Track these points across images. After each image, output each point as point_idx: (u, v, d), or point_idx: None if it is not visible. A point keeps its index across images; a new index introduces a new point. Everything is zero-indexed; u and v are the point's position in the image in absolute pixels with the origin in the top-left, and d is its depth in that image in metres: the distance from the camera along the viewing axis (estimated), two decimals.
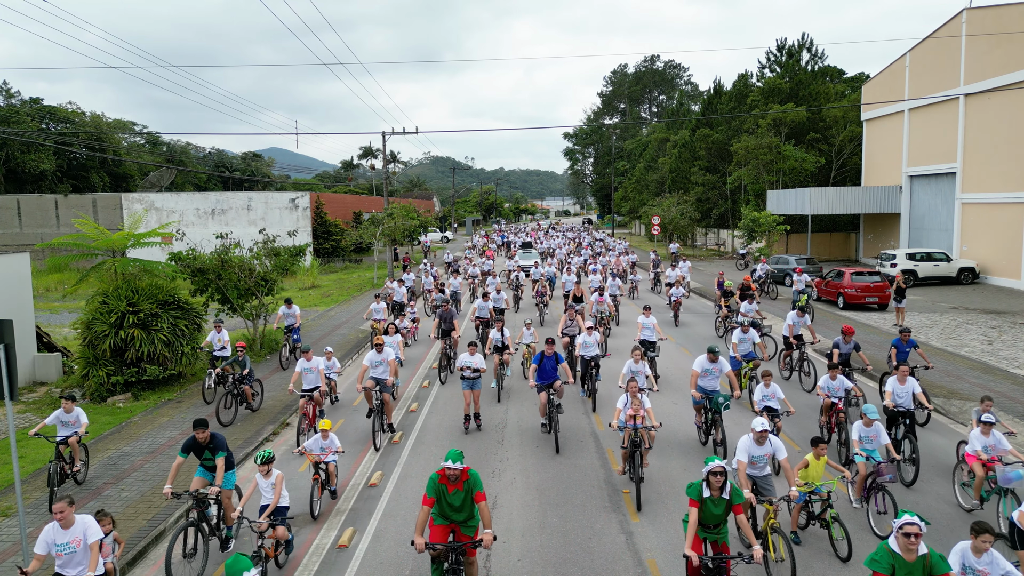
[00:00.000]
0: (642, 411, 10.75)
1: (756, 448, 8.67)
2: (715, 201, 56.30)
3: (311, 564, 8.95)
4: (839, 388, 11.95)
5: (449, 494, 7.46)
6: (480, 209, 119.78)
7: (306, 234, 47.31)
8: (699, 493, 7.15)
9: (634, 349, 12.91)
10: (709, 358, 12.11)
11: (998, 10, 30.91)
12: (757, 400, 11.45)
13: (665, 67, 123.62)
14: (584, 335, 15.22)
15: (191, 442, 9.19)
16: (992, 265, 31.97)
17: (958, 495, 10.25)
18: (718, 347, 12.15)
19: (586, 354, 15.10)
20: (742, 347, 15.01)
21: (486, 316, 20.87)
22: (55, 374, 18.32)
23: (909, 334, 13.85)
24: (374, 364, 13.37)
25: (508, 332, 16.47)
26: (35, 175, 62.13)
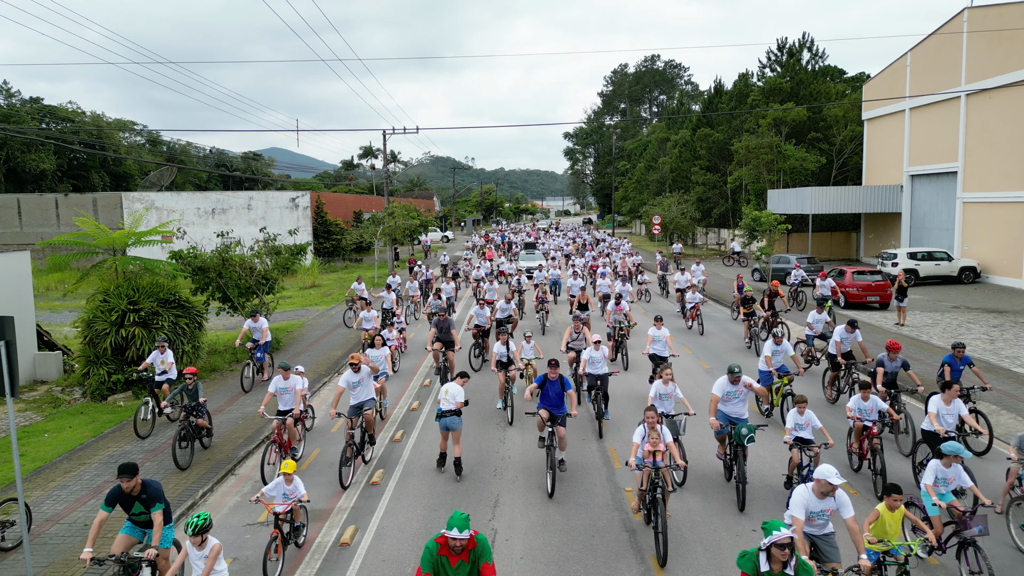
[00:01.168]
0: (662, 445, 9.19)
1: (816, 502, 7.10)
2: (716, 201, 56.27)
3: (313, 562, 8.92)
4: (872, 410, 10.67)
5: (451, 567, 6.22)
6: (480, 209, 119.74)
7: (306, 233, 47.33)
8: (755, 567, 5.87)
9: (662, 369, 11.31)
10: (730, 380, 10.52)
11: (999, 9, 30.88)
12: (790, 428, 9.98)
13: (665, 67, 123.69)
14: (591, 350, 13.60)
15: (116, 493, 7.52)
16: (993, 264, 31.94)
17: (1015, 535, 8.98)
18: (739, 366, 10.52)
19: (594, 371, 13.45)
20: (776, 360, 13.51)
21: (484, 324, 18.99)
22: (56, 373, 18.30)
23: (963, 350, 12.48)
24: (351, 385, 11.87)
25: (514, 345, 14.92)
26: (35, 175, 62.10)
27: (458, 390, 11.36)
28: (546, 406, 11.20)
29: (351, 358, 11.91)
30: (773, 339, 13.58)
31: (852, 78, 55.77)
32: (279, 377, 11.88)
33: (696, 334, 22.48)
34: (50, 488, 11.23)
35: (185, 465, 11.95)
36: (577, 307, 20.84)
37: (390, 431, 14.02)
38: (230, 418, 14.84)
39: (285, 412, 11.79)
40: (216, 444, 13.20)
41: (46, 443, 13.52)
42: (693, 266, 27.85)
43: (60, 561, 8.88)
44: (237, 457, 12.59)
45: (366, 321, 19.84)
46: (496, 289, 24.05)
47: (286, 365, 11.95)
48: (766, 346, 13.62)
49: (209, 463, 12.26)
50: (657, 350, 15.23)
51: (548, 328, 23.54)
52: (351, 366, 11.85)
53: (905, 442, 12.12)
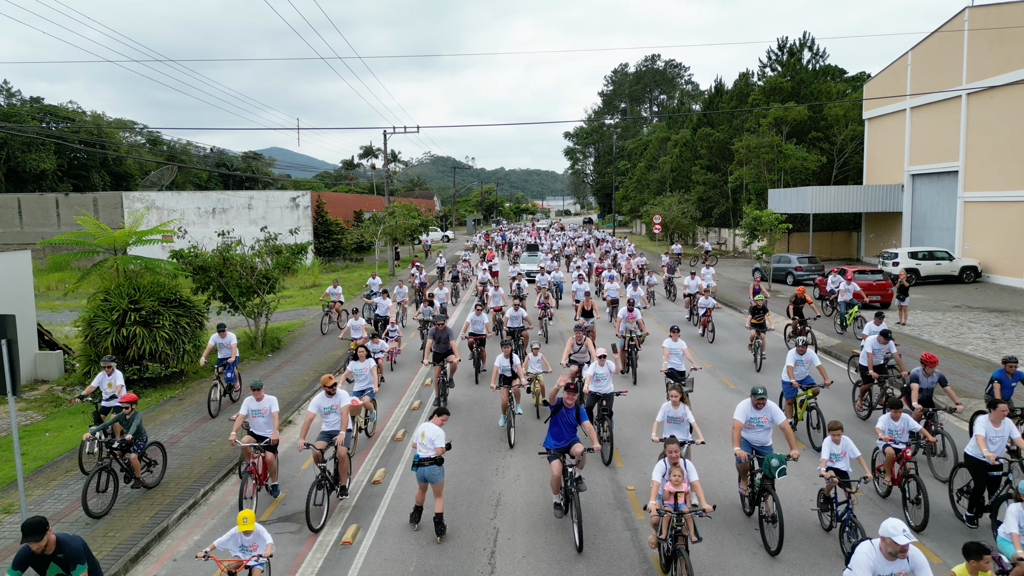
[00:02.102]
0: (685, 485, 7.91)
1: (885, 564, 6.08)
2: (716, 200, 56.28)
3: (315, 561, 8.91)
4: (903, 430, 9.69)
5: None
6: (481, 209, 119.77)
7: (307, 233, 47.34)
8: None
9: (670, 389, 10.08)
10: (754, 403, 9.31)
11: (1000, 8, 30.87)
12: (824, 458, 8.92)
13: (666, 67, 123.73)
14: (596, 365, 12.21)
15: (25, 555, 6.25)
16: (994, 264, 31.92)
17: None
18: (764, 388, 9.25)
19: (599, 390, 12.18)
20: (799, 371, 12.50)
21: (481, 332, 17.48)
22: (56, 372, 18.29)
23: (1015, 364, 11.38)
24: (323, 411, 10.39)
25: (518, 359, 13.62)
26: (36, 174, 62.11)
27: (436, 432, 9.26)
28: (556, 441, 9.50)
29: (324, 380, 10.37)
30: (796, 348, 12.51)
31: (853, 78, 55.75)
32: (251, 398, 10.57)
33: (707, 342, 21.29)
34: (51, 487, 11.21)
35: (99, 512, 9.92)
36: (580, 313, 19.42)
37: (391, 430, 14.01)
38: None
39: (259, 438, 10.50)
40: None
41: (47, 442, 13.51)
42: (703, 269, 26.43)
43: None
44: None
45: (354, 330, 18.04)
46: (501, 295, 22.40)
47: (258, 384, 10.68)
48: (789, 356, 12.59)
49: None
50: (675, 364, 13.81)
51: (551, 335, 22.23)
52: (324, 389, 10.37)
53: (941, 466, 10.97)
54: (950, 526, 9.40)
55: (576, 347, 14.34)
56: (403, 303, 25.24)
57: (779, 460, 8.77)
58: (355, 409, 12.16)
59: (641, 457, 12.03)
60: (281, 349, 21.65)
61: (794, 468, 11.20)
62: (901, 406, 9.75)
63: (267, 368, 19.19)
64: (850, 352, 17.73)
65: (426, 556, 8.85)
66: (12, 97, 68.16)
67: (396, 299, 24.47)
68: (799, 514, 9.80)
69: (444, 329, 15.33)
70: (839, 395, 15.20)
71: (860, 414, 13.84)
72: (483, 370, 17.71)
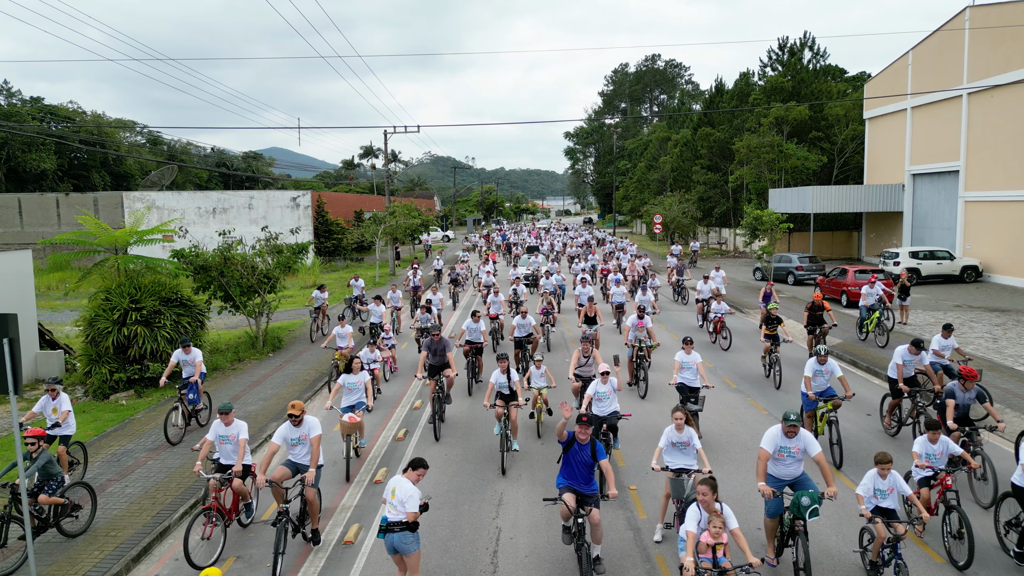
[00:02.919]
0: (725, 535, 6.87)
1: None
2: (717, 200, 56.30)
3: (317, 560, 8.90)
4: (942, 454, 8.71)
5: None
6: (481, 208, 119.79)
7: (307, 233, 47.37)
8: None
9: (674, 411, 8.87)
10: (785, 431, 8.06)
11: (1001, 7, 30.85)
12: (864, 494, 7.72)
13: (666, 66, 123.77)
14: (597, 383, 10.85)
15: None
16: (995, 263, 31.91)
17: None
18: (796, 413, 8.09)
19: (600, 412, 10.81)
20: (818, 382, 11.66)
21: (478, 341, 16.57)
22: (57, 371, 18.28)
23: None
24: (290, 443, 9.15)
25: (516, 375, 12.10)
26: (36, 174, 62.11)
27: (409, 491, 7.25)
28: (569, 481, 8.19)
29: (291, 407, 8.99)
30: (817, 358, 11.55)
31: (853, 77, 55.75)
32: (218, 422, 9.39)
33: (720, 349, 20.11)
34: None
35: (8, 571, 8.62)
36: (584, 320, 18.08)
37: (392, 429, 14.00)
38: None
39: (225, 467, 9.43)
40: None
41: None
42: (712, 271, 25.09)
43: (63, 559, 8.86)
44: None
45: (339, 338, 16.72)
46: (502, 302, 20.79)
47: (227, 407, 9.38)
48: (808, 365, 11.71)
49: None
50: (686, 379, 12.56)
51: (553, 343, 21.01)
52: (290, 417, 9.03)
53: (983, 491, 9.93)
54: (998, 563, 8.33)
55: (583, 359, 13.06)
56: (398, 308, 23.52)
57: (811, 498, 7.44)
58: (349, 427, 11.48)
59: (644, 459, 12.01)
60: (282, 349, 21.65)
61: None
62: (939, 427, 8.82)
63: (268, 368, 19.19)
64: (873, 361, 17.09)
65: (428, 555, 8.83)
66: (12, 97, 68.18)
67: (390, 304, 23.09)
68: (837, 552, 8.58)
69: (440, 340, 14.17)
70: (862, 408, 14.43)
71: (889, 431, 12.83)
72: (479, 380, 16.84)
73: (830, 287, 27.86)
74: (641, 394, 15.56)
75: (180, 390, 13.66)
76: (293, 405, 9.01)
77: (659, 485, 10.88)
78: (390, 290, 23.67)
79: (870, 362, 17.75)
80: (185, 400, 13.60)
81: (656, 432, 12.36)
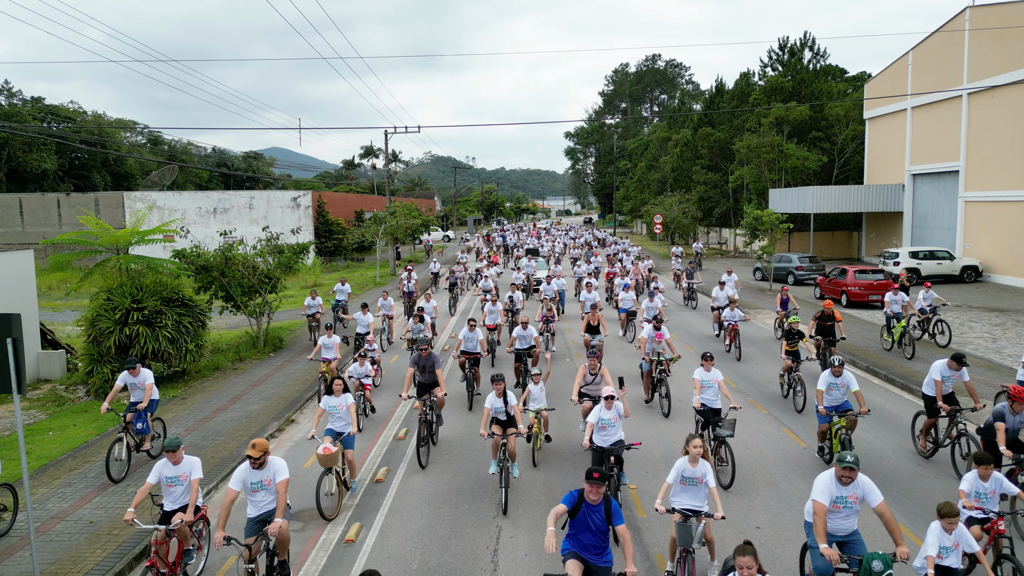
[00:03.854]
0: None
1: None
2: (717, 200, 56.36)
3: (318, 559, 8.94)
4: (994, 492, 7.46)
5: None
6: (481, 208, 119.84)
7: (308, 233, 47.43)
8: None
9: (690, 439, 7.71)
10: (840, 477, 6.76)
11: (1001, 8, 30.89)
12: (931, 554, 6.43)
13: (667, 66, 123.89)
14: (601, 408, 9.50)
15: None
16: (995, 263, 31.95)
17: None
18: (853, 454, 6.78)
19: (604, 442, 9.54)
20: (832, 396, 10.84)
21: (475, 351, 15.25)
22: (59, 371, 18.34)
23: None
24: (250, 488, 7.78)
25: (514, 398, 10.73)
26: (37, 174, 62.19)
27: None
28: (577, 549, 6.70)
29: (251, 447, 7.61)
30: (831, 369, 10.77)
31: (853, 77, 55.80)
32: (164, 462, 8.01)
33: (734, 359, 18.80)
34: (55, 485, 11.26)
35: None
36: (586, 329, 16.81)
37: (393, 429, 14.04)
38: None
39: (171, 513, 8.06)
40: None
41: (51, 441, 13.56)
42: (724, 275, 23.47)
43: (67, 558, 8.90)
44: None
45: (326, 349, 15.38)
46: (499, 311, 19.29)
47: (174, 444, 7.91)
48: (822, 378, 10.87)
49: None
50: (708, 400, 11.15)
51: (554, 353, 19.51)
52: (249, 459, 7.66)
53: None
54: None
55: (589, 376, 11.66)
56: (389, 317, 21.52)
57: (884, 562, 6.37)
58: (325, 460, 9.75)
59: (644, 462, 12.02)
60: (283, 348, 21.70)
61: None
62: (991, 462, 7.52)
63: (269, 367, 19.24)
64: (901, 373, 16.10)
65: (429, 554, 8.88)
66: (13, 97, 68.27)
67: (381, 312, 21.32)
68: None
69: (429, 355, 12.62)
70: (885, 424, 13.34)
71: (923, 452, 11.70)
72: (478, 393, 15.45)
73: (830, 287, 27.90)
74: (664, 412, 14.16)
75: (125, 417, 11.78)
76: (254, 444, 7.64)
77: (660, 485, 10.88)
78: (381, 296, 21.69)
79: (892, 372, 16.70)
80: (131, 430, 11.73)
81: None
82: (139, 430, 11.88)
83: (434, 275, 34.84)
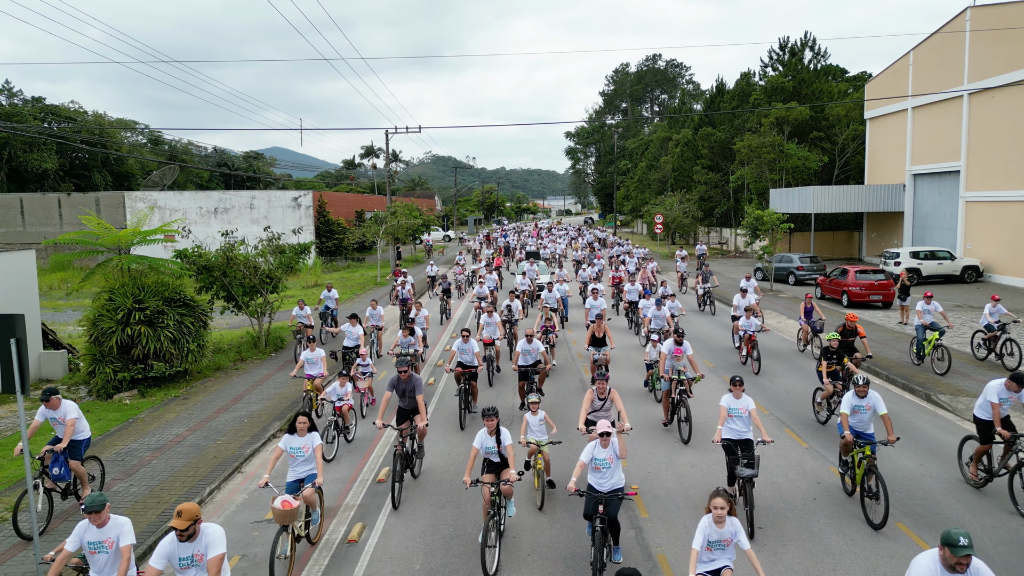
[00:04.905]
0: None
1: None
2: (718, 200, 56.40)
3: (321, 559, 8.96)
4: None
5: None
6: (482, 208, 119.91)
7: (309, 233, 47.46)
8: None
9: (713, 497, 6.49)
10: (954, 564, 5.08)
11: (1002, 8, 30.91)
12: None
13: (667, 66, 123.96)
14: (596, 446, 8.04)
15: None
16: (996, 263, 31.96)
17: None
18: (966, 534, 5.08)
19: (599, 485, 8.07)
20: (858, 420, 9.62)
21: (472, 364, 14.01)
22: (61, 371, 18.36)
23: None
24: (179, 566, 6.22)
25: (508, 436, 9.00)
26: (38, 174, 62.25)
27: None
28: None
29: (176, 515, 6.08)
30: (856, 389, 9.56)
31: (854, 77, 55.83)
32: (86, 523, 6.54)
33: (751, 372, 17.24)
34: None
35: None
36: (590, 341, 15.39)
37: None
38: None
39: None
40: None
41: None
42: (743, 281, 21.13)
43: None
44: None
45: (310, 364, 13.91)
46: (497, 324, 17.00)
47: (97, 504, 6.42)
48: (845, 399, 9.68)
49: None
50: (736, 431, 9.55)
51: (554, 367, 17.91)
52: (175, 531, 6.14)
53: None
54: None
55: (597, 402, 10.18)
56: (379, 328, 19.84)
57: None
58: (283, 516, 8.02)
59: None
60: (284, 348, 21.73)
61: None
62: None
63: (270, 367, 19.26)
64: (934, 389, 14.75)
65: (432, 554, 8.90)
66: (14, 97, 68.34)
67: (370, 323, 19.71)
68: None
69: (409, 378, 11.01)
70: (922, 447, 11.87)
71: (974, 482, 10.30)
72: (473, 411, 14.21)
73: (831, 287, 27.92)
74: (684, 438, 12.51)
75: (44, 463, 9.71)
76: (179, 512, 6.05)
77: (662, 485, 10.91)
78: (369, 306, 19.95)
79: (930, 388, 15.27)
80: (47, 475, 9.70)
81: (701, 494, 10.11)
82: (56, 476, 9.76)
83: (431, 279, 32.27)
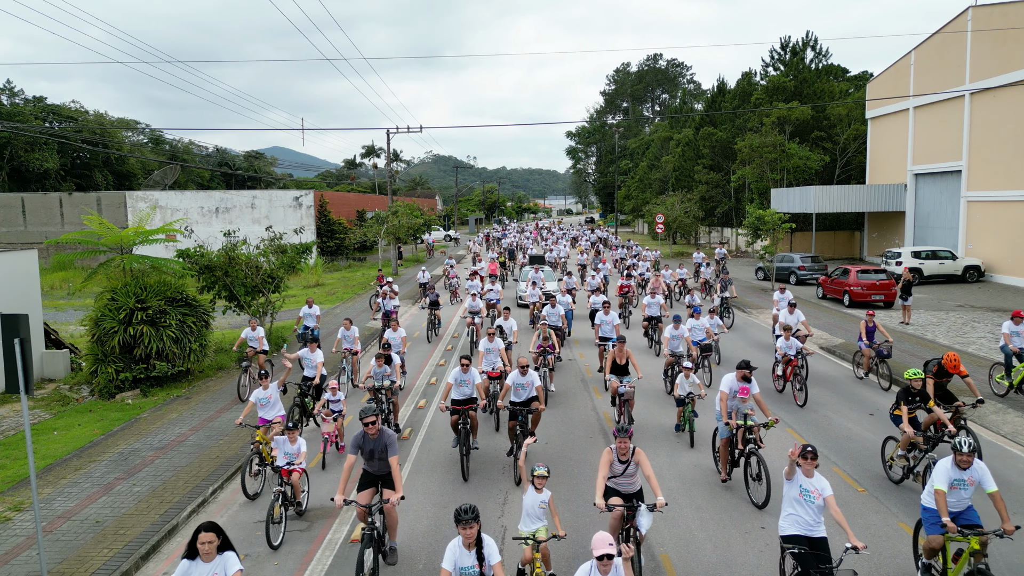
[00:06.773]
0: None
1: None
2: (719, 200, 56.40)
3: (324, 559, 8.97)
4: None
5: None
6: (483, 208, 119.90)
7: (310, 232, 47.47)
8: None
9: None
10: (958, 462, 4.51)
11: (1003, 8, 30.89)
12: None
13: (668, 66, 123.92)
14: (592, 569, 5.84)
15: None
16: (998, 263, 31.94)
17: None
18: None
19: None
20: (957, 499, 7.21)
21: (471, 395, 11.65)
22: (63, 371, 18.38)
23: None
24: None
25: (495, 547, 6.60)
26: (39, 174, 62.32)
27: None
28: None
29: None
30: (956, 456, 7.09)
31: (855, 77, 55.82)
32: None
33: (790, 401, 14.55)
34: (61, 485, 11.29)
35: None
36: (611, 368, 12.79)
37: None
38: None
39: None
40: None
41: (56, 440, 13.60)
42: (776, 293, 18.73)
43: (73, 557, 8.94)
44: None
45: (262, 406, 11.19)
46: (500, 350, 13.85)
47: None
48: (938, 470, 7.19)
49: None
50: (806, 526, 6.95)
51: (552, 394, 15.27)
52: None
53: None
54: None
55: (618, 465, 7.73)
56: (353, 352, 16.59)
57: None
58: None
59: None
60: (285, 348, 21.71)
61: None
62: None
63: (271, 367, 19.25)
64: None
65: (434, 553, 8.91)
66: (15, 97, 68.41)
67: (342, 347, 16.32)
68: None
69: (379, 434, 8.32)
70: None
71: None
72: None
73: (833, 287, 27.92)
74: (758, 502, 9.78)
75: None
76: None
77: (663, 485, 10.92)
78: (342, 326, 16.60)
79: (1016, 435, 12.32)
80: None
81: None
82: None
83: (423, 287, 28.48)
